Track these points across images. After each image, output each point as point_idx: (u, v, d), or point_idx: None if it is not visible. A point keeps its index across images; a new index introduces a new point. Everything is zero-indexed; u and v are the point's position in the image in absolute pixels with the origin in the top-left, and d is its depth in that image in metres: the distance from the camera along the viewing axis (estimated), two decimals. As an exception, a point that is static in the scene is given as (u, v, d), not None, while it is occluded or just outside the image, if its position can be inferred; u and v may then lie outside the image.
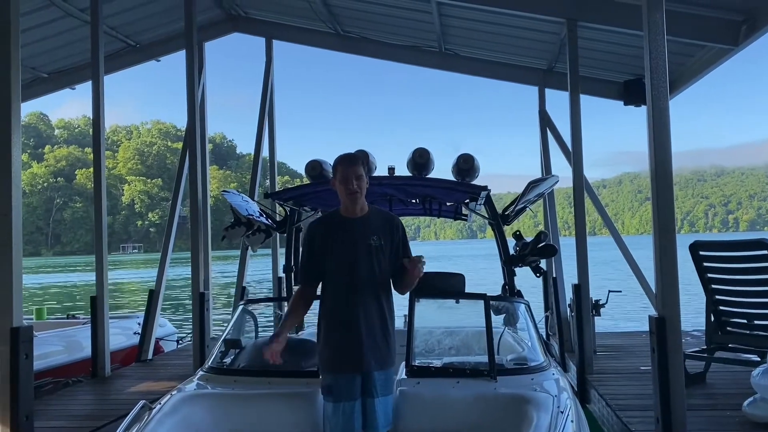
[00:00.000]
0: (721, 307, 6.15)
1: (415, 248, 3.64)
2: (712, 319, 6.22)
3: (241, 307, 5.09)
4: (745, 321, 6.02)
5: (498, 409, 3.60)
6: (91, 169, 8.27)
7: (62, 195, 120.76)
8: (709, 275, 6.15)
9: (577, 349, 7.25)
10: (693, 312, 8.72)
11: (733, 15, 6.73)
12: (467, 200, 6.32)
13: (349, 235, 3.43)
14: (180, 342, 10.49)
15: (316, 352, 3.56)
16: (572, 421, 3.31)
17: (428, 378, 3.86)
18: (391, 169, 5.73)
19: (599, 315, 8.06)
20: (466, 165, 6.00)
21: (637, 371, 6.94)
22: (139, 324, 9.22)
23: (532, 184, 6.28)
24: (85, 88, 8.16)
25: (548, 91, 10.03)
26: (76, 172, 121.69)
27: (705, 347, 6.34)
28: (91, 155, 8.19)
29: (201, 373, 4.22)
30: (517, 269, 5.98)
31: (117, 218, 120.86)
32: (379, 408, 3.37)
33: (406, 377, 3.87)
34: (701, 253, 6.12)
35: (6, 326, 4.76)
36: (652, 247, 4.57)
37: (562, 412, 3.34)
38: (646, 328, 4.78)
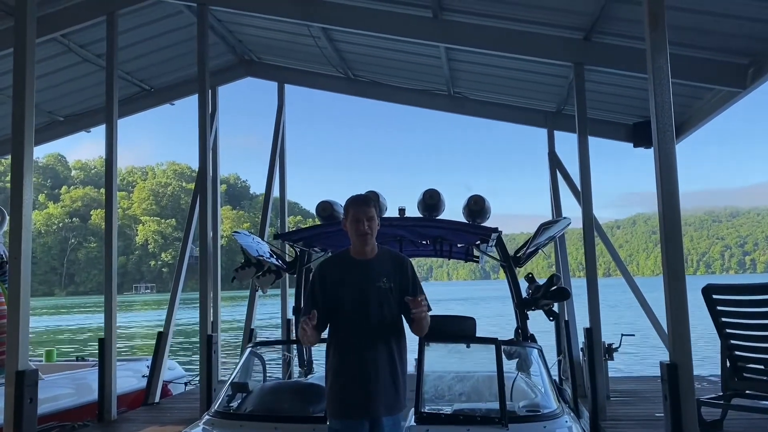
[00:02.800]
0: (737, 353, 6.02)
1: (427, 289, 3.61)
2: (728, 364, 6.08)
3: (248, 350, 5.05)
4: (762, 367, 5.87)
5: None
6: (106, 210, 8.32)
7: (77, 235, 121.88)
8: (724, 319, 6.03)
9: (589, 395, 7.11)
10: (708, 356, 8.56)
11: (740, 58, 6.78)
12: (478, 242, 6.29)
13: (359, 277, 3.41)
14: (188, 384, 10.39)
15: (324, 396, 3.50)
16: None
17: (438, 425, 3.78)
18: (402, 210, 5.74)
19: (612, 359, 7.93)
20: (476, 206, 5.98)
21: (652, 418, 6.77)
22: (147, 367, 9.16)
23: (544, 227, 6.24)
24: (101, 130, 8.32)
25: (558, 131, 10.08)
26: (91, 213, 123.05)
27: (721, 394, 6.19)
28: (107, 196, 8.28)
29: (207, 417, 4.18)
30: (530, 312, 5.91)
31: (130, 258, 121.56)
32: (387, 455, 3.30)
33: (415, 424, 3.80)
34: (714, 296, 6.02)
35: (12, 369, 4.76)
36: (663, 293, 4.51)
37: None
38: (660, 373, 4.68)
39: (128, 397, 8.79)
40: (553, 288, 5.73)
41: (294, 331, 6.65)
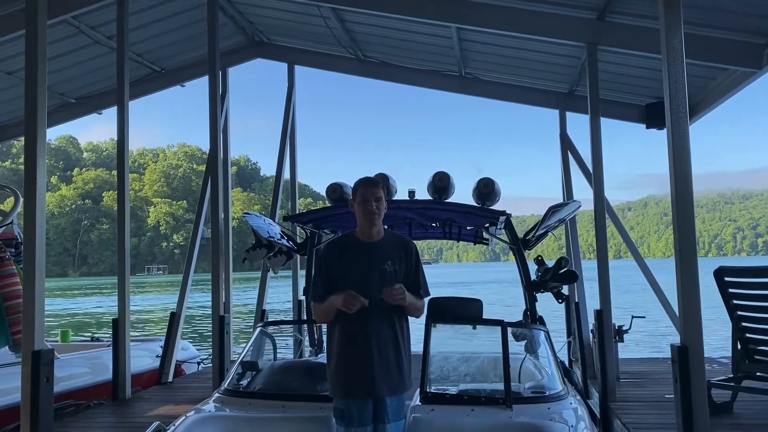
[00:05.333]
0: (748, 335, 6.01)
1: (437, 271, 3.62)
2: (739, 347, 6.07)
3: (258, 329, 5.09)
4: (773, 349, 5.86)
5: None
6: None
7: (89, 217, 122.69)
8: (735, 302, 6.01)
9: (599, 376, 7.13)
10: (721, 338, 8.53)
11: (756, 38, 6.67)
12: (487, 224, 6.29)
13: (364, 259, 3.43)
14: (201, 363, 10.52)
15: (328, 376, 3.53)
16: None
17: (442, 405, 3.81)
18: (412, 193, 5.74)
19: (622, 341, 7.92)
20: (486, 189, 5.99)
21: (662, 399, 6.78)
22: (161, 347, 9.27)
23: (553, 210, 6.23)
24: (112, 112, 8.34)
25: (570, 112, 9.99)
26: (103, 194, 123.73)
27: (732, 376, 6.18)
28: (118, 178, 8.32)
29: (217, 395, 4.23)
30: (540, 294, 5.91)
31: (142, 240, 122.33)
32: (391, 433, 3.33)
33: (420, 404, 3.83)
34: (726, 279, 6.00)
35: (28, 349, 4.83)
36: (675, 275, 4.50)
37: (579, 443, 3.27)
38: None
39: (142, 377, 8.91)
40: (562, 270, 5.74)
41: (305, 312, 6.70)
